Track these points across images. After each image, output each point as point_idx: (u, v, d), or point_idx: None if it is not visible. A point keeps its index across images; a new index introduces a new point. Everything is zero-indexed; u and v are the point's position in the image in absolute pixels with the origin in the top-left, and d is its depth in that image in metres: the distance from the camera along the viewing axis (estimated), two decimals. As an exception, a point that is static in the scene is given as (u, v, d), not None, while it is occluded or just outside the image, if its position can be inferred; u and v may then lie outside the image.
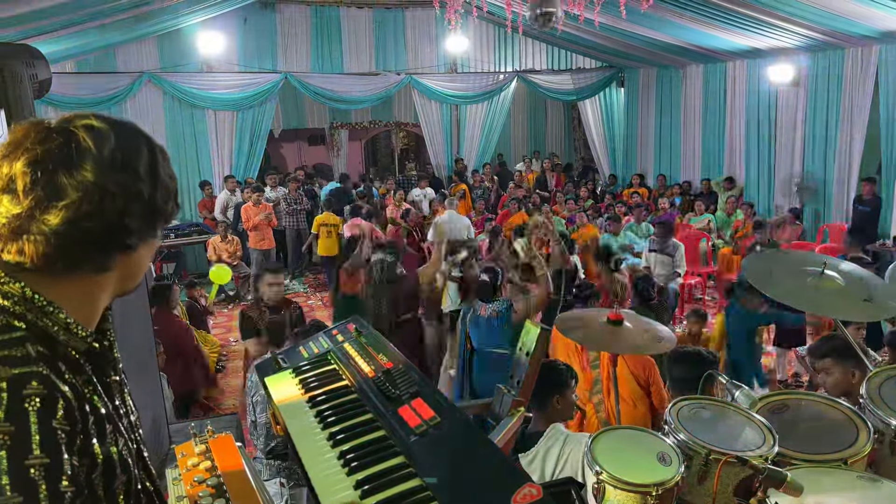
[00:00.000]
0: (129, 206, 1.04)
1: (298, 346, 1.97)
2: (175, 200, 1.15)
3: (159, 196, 1.10)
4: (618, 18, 7.60)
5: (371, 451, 1.40)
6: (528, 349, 1.72)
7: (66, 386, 0.99)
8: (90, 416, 1.03)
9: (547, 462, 2.67)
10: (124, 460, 1.09)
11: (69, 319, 1.05)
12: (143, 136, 1.13)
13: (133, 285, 1.17)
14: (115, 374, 1.18)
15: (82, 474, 0.98)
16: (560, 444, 2.68)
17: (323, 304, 10.09)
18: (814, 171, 10.43)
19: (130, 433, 1.17)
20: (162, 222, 1.13)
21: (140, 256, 1.12)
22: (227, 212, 10.94)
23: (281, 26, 12.48)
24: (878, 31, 8.44)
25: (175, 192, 1.15)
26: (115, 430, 1.09)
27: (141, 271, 1.16)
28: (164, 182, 1.11)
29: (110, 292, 1.14)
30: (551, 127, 17.58)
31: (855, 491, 2.03)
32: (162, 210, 1.11)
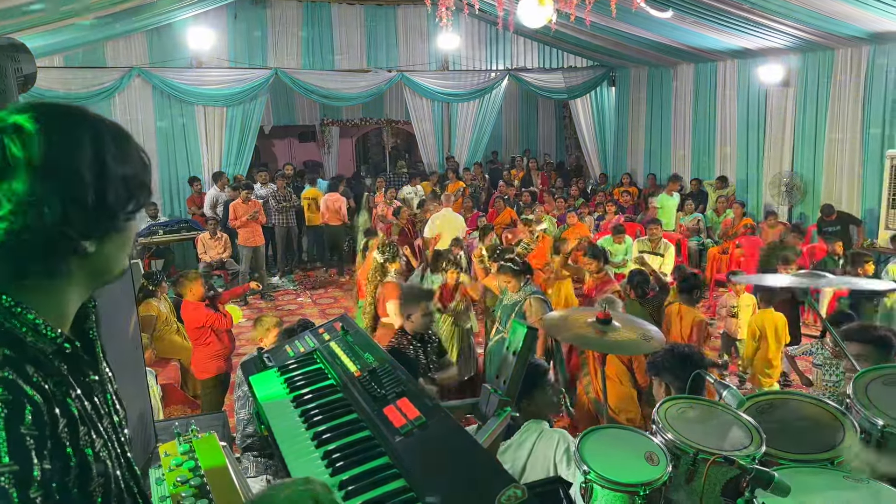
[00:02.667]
0: (69, 213, 0.98)
1: (284, 345, 1.95)
2: (140, 187, 1.08)
3: (111, 191, 1.02)
4: (609, 17, 7.60)
5: (355, 451, 1.38)
6: (515, 348, 1.71)
7: (34, 389, 0.96)
8: (62, 418, 1.00)
9: (518, 453, 2.70)
10: (102, 462, 1.06)
11: (38, 320, 1.01)
12: (86, 127, 1.03)
13: (109, 279, 1.12)
14: (94, 374, 1.15)
15: (55, 478, 0.95)
16: (533, 438, 2.71)
17: (312, 302, 10.06)
18: (803, 172, 10.48)
19: (112, 434, 1.14)
20: (123, 215, 1.06)
21: (107, 252, 1.07)
22: (216, 208, 10.88)
23: (271, 22, 12.42)
24: (867, 32, 8.48)
25: (138, 179, 1.07)
26: (90, 431, 1.06)
27: (114, 266, 1.11)
28: (118, 174, 1.03)
29: (80, 291, 1.10)
30: (542, 125, 17.59)
31: (841, 490, 2.04)
32: (117, 204, 1.04)
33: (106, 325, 1.27)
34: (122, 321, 3.51)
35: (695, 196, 11.62)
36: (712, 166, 12.29)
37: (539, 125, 17.56)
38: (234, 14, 11.93)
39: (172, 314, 6.97)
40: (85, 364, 1.13)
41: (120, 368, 2.56)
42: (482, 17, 12.69)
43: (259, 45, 12.36)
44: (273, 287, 10.80)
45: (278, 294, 10.58)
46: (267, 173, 11.97)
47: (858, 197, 9.59)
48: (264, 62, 12.32)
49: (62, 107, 1.06)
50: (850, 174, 9.69)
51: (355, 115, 16.01)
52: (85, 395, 1.09)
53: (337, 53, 12.94)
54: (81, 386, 1.09)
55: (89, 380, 1.13)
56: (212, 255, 9.86)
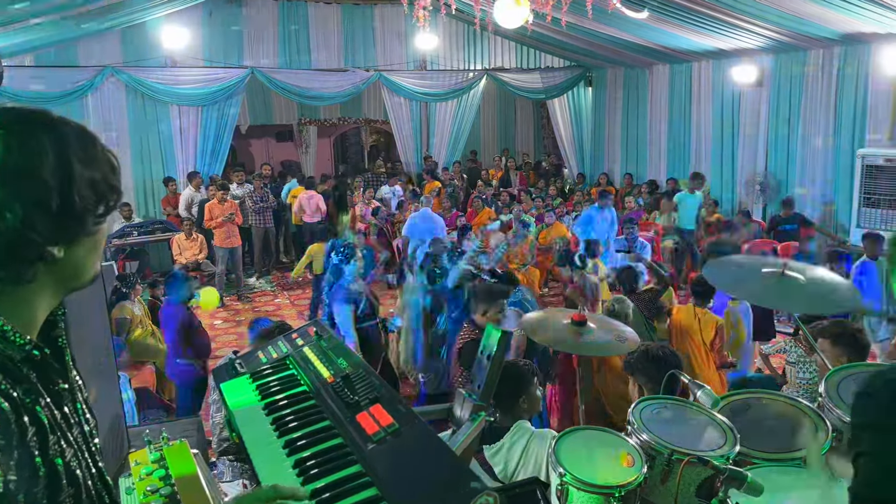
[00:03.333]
0: (32, 219, 0.96)
1: (257, 351, 1.93)
2: (109, 190, 1.06)
3: (78, 195, 1.01)
4: (585, 18, 7.63)
5: (328, 459, 1.37)
6: (489, 352, 1.70)
7: (2, 397, 0.94)
8: (30, 427, 0.97)
9: (511, 455, 2.69)
10: (72, 472, 1.04)
11: (6, 327, 0.99)
12: (48, 130, 1.01)
13: (79, 284, 1.11)
14: (64, 382, 1.13)
15: (22, 489, 0.93)
16: (525, 440, 2.71)
17: (291, 303, 9.99)
18: (776, 171, 10.62)
19: (83, 443, 1.11)
20: (91, 219, 1.04)
21: (76, 258, 1.05)
22: (191, 209, 10.76)
23: (247, 20, 12.31)
24: (838, 33, 8.61)
25: (107, 181, 1.05)
26: (60, 440, 1.04)
27: (84, 271, 1.09)
28: (84, 177, 1.02)
29: (49, 297, 1.08)
30: (520, 125, 17.64)
31: (814, 489, 2.06)
32: (85, 208, 1.02)
33: (76, 330, 1.24)
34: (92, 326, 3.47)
35: (670, 195, 11.70)
36: (687, 166, 12.40)
37: (517, 125, 17.60)
38: (209, 12, 11.81)
39: (147, 317, 6.88)
40: (54, 372, 1.10)
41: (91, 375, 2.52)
42: (459, 18, 12.69)
43: (235, 44, 12.24)
44: (250, 288, 10.71)
45: (255, 295, 10.50)
46: (243, 173, 11.87)
47: (830, 195, 9.73)
48: (240, 61, 12.21)
49: (22, 110, 1.03)
50: (823, 173, 9.83)
51: (333, 114, 15.93)
52: (55, 404, 1.06)
53: (314, 53, 12.87)
54: (51, 394, 1.07)
55: (59, 388, 1.10)
56: (187, 256, 9.75)
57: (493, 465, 2.66)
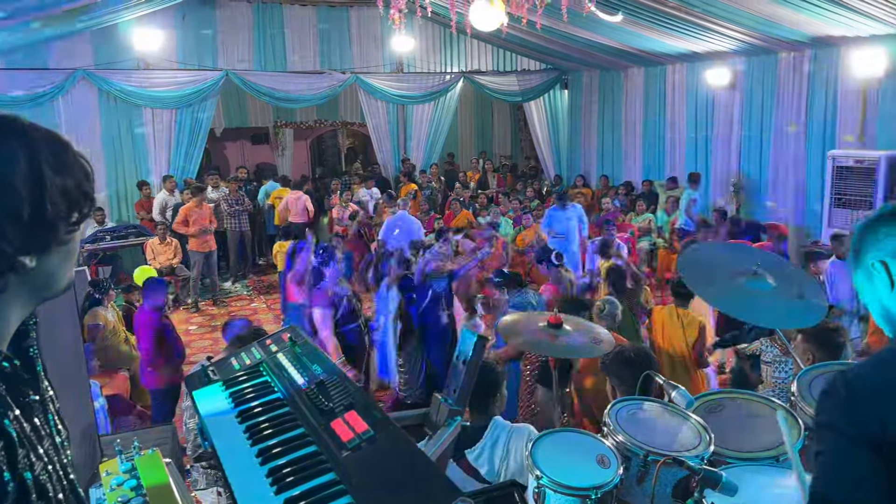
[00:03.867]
0: (2, 229, 0.94)
1: (230, 357, 1.90)
2: (82, 197, 1.04)
3: (50, 203, 0.99)
4: (560, 21, 7.68)
5: (302, 467, 1.35)
6: (464, 357, 1.69)
7: None
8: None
9: (494, 453, 2.70)
10: (42, 486, 1.02)
11: None
12: (18, 136, 0.99)
13: (52, 293, 1.08)
14: (35, 393, 1.10)
15: None
16: (505, 437, 2.73)
17: (267, 307, 9.91)
18: (749, 172, 10.76)
19: (54, 455, 1.09)
20: (64, 228, 1.02)
21: (49, 267, 1.03)
22: (165, 213, 10.64)
23: (221, 23, 12.20)
24: (808, 36, 8.74)
25: (80, 189, 1.04)
26: (30, 453, 1.02)
27: (58, 280, 1.07)
28: (56, 184, 1.00)
29: (21, 308, 1.06)
30: (498, 128, 17.69)
31: (787, 488, 2.08)
32: (57, 217, 1.01)
33: (47, 338, 1.22)
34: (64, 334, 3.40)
35: (646, 197, 11.82)
36: (662, 167, 12.52)
37: (494, 127, 17.66)
38: (182, 15, 11.69)
39: (121, 323, 6.79)
40: (24, 383, 1.08)
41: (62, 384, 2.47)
42: (436, 20, 12.70)
43: (209, 47, 12.13)
44: (226, 293, 10.61)
45: (231, 300, 10.41)
46: (217, 176, 11.76)
47: (802, 196, 9.88)
48: (214, 64, 12.10)
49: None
50: (795, 174, 9.98)
51: (309, 116, 15.84)
52: (24, 416, 1.04)
53: (289, 55, 12.79)
54: (21, 406, 1.04)
55: (29, 400, 1.08)
56: (161, 260, 9.63)
57: (479, 468, 2.66)
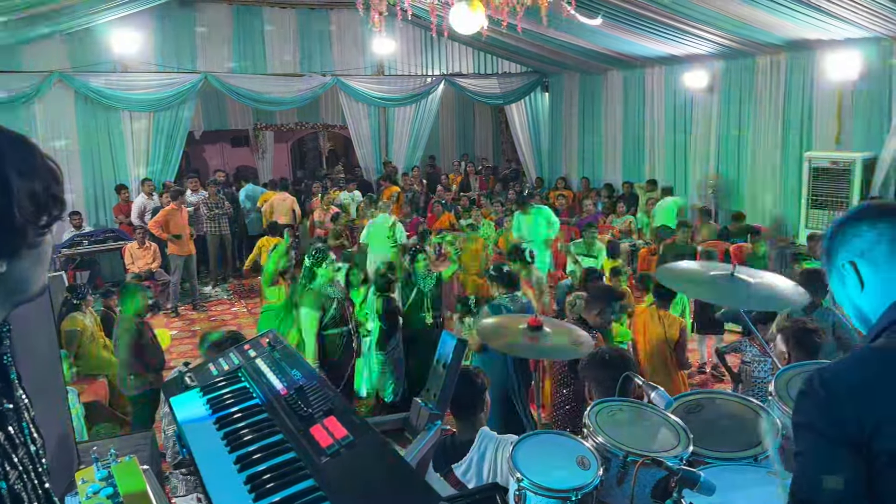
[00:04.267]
0: None
1: (208, 363, 1.89)
2: (51, 200, 1.02)
3: (17, 207, 0.97)
4: (540, 24, 7.71)
5: (280, 474, 1.34)
6: (444, 361, 1.69)
7: None
8: None
9: (482, 467, 2.66)
10: (16, 495, 1.01)
11: None
12: None
13: (25, 298, 1.07)
14: (9, 402, 1.09)
15: None
16: (493, 449, 2.67)
17: (248, 312, 9.84)
18: (727, 173, 10.87)
19: (29, 464, 1.08)
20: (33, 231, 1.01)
21: (20, 271, 1.02)
22: (144, 216, 10.53)
23: (200, 25, 12.11)
24: (784, 39, 8.86)
25: (48, 191, 1.02)
26: (4, 463, 1.00)
27: (29, 284, 1.05)
28: (23, 188, 0.99)
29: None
30: (479, 130, 17.74)
31: (765, 487, 2.10)
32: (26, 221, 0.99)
33: (21, 344, 1.20)
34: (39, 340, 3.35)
35: (626, 199, 11.90)
36: (642, 169, 12.62)
37: (476, 130, 17.70)
38: (160, 17, 11.59)
39: (99, 328, 6.71)
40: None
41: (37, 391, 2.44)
42: (416, 23, 12.70)
43: (188, 49, 12.04)
44: (206, 297, 10.53)
45: (211, 304, 10.31)
46: (197, 180, 11.67)
47: (780, 197, 10.00)
48: (193, 66, 12.01)
49: None
50: (773, 175, 10.09)
51: (290, 119, 15.78)
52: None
53: (269, 57, 12.74)
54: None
55: (3, 409, 1.07)
56: (140, 265, 9.53)
57: (466, 483, 2.62)
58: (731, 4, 7.64)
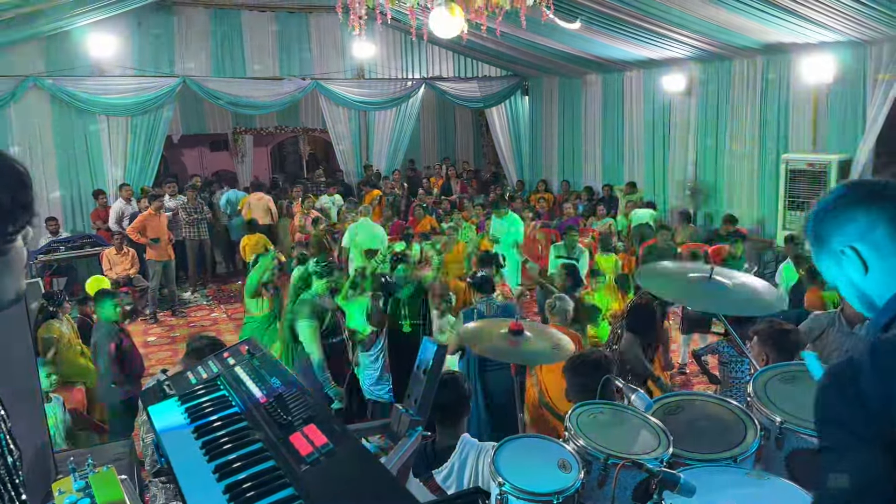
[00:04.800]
0: None
1: (186, 371, 1.87)
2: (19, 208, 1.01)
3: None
4: (519, 28, 7.74)
5: (259, 483, 1.33)
6: (425, 366, 1.69)
7: None
8: None
9: (463, 474, 2.65)
10: None
11: None
12: None
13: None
14: None
15: None
16: (475, 455, 2.67)
17: (228, 317, 9.77)
18: (706, 176, 10.98)
19: (6, 476, 1.06)
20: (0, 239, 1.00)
21: None
22: (122, 222, 10.42)
23: (179, 29, 12.03)
24: (760, 43, 8.97)
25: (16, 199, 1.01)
26: None
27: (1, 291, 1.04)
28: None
29: None
30: (460, 133, 17.77)
31: (744, 488, 2.12)
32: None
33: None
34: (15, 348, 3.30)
35: (606, 201, 11.97)
36: (621, 172, 12.71)
37: (457, 133, 17.73)
38: (138, 21, 11.49)
39: (76, 335, 6.62)
40: None
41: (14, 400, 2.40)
42: (396, 27, 12.70)
43: (165, 53, 11.95)
44: (185, 303, 10.43)
45: (191, 310, 10.22)
46: (175, 184, 11.57)
47: (757, 199, 10.12)
48: (171, 70, 11.92)
49: None
50: (750, 177, 10.21)
51: (270, 123, 15.72)
52: None
53: (248, 61, 12.68)
54: None
55: None
56: (118, 271, 9.41)
57: (447, 489, 2.61)
58: (708, 8, 7.73)
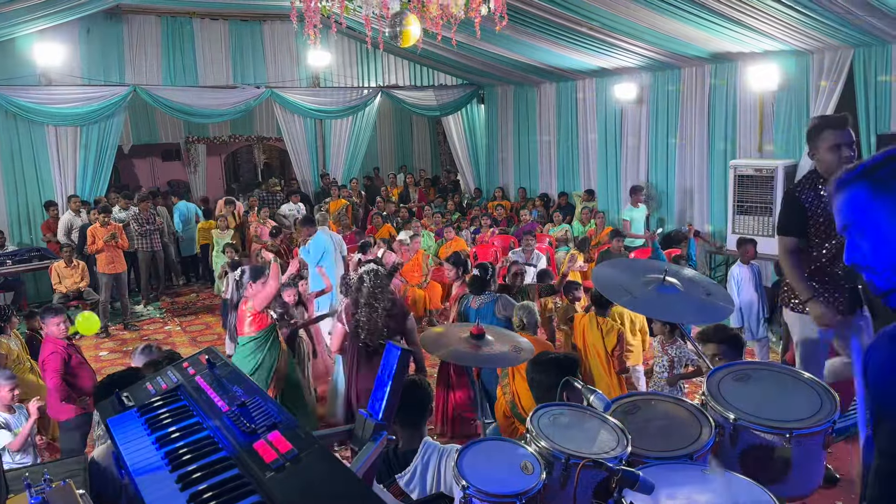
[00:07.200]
0: None
1: (145, 382, 1.84)
2: None
3: None
4: (474, 38, 7.82)
5: (224, 491, 1.32)
6: (389, 371, 1.70)
7: None
8: None
9: (426, 478, 2.65)
10: None
11: None
12: None
13: None
14: None
15: None
16: (436, 459, 2.67)
17: (182, 330, 9.58)
18: (657, 182, 11.22)
19: None
20: None
21: None
22: (71, 234, 10.15)
23: (129, 37, 11.80)
24: (708, 52, 9.23)
25: None
26: None
27: None
28: None
29: None
30: (417, 141, 17.82)
31: (700, 484, 2.18)
32: None
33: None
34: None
35: (562, 208, 12.14)
36: (577, 179, 12.90)
37: (414, 141, 17.77)
38: (86, 29, 11.24)
39: (25, 351, 6.43)
40: None
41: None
42: (351, 36, 12.69)
43: (115, 61, 11.71)
44: (137, 316, 10.21)
45: (143, 323, 10.00)
46: (123, 196, 11.33)
47: (707, 204, 10.38)
48: (121, 79, 11.69)
49: None
50: (700, 183, 10.46)
51: (223, 131, 15.51)
52: None
53: (201, 69, 12.50)
54: None
55: None
56: (67, 284, 9.16)
57: (410, 493, 2.61)
58: (658, 19, 7.92)
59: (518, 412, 4.57)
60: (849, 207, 1.34)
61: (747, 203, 9.18)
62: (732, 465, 2.36)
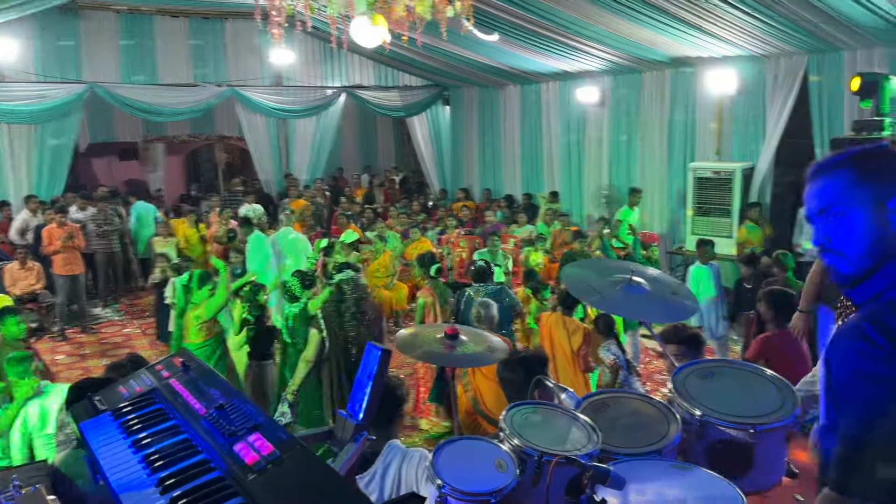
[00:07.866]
0: None
1: (117, 386, 1.81)
2: None
3: None
4: (440, 39, 7.84)
5: (205, 494, 1.31)
6: (369, 371, 1.71)
7: None
8: None
9: (385, 481, 2.65)
10: None
11: None
12: None
13: None
14: None
15: None
16: (398, 462, 2.66)
17: (142, 333, 9.40)
18: (619, 183, 11.39)
19: None
20: None
21: None
22: (25, 234, 9.87)
23: (85, 33, 11.54)
24: (667, 56, 9.41)
25: None
26: None
27: None
28: None
29: None
30: (382, 142, 17.76)
31: (669, 478, 2.23)
32: None
33: None
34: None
35: (526, 209, 12.23)
36: (541, 180, 13.01)
37: (379, 142, 17.71)
38: (41, 25, 10.95)
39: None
40: None
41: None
42: (316, 35, 12.59)
43: (71, 58, 11.44)
44: (95, 318, 9.97)
45: (101, 325, 9.78)
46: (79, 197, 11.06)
47: (667, 205, 10.57)
48: (78, 76, 11.41)
49: None
50: (661, 185, 10.66)
51: (182, 130, 15.21)
52: None
53: (160, 67, 12.29)
54: None
55: None
56: (22, 287, 8.90)
57: (369, 495, 2.60)
58: (620, 23, 8.05)
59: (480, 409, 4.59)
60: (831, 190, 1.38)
61: (706, 205, 9.38)
62: (699, 460, 2.42)
